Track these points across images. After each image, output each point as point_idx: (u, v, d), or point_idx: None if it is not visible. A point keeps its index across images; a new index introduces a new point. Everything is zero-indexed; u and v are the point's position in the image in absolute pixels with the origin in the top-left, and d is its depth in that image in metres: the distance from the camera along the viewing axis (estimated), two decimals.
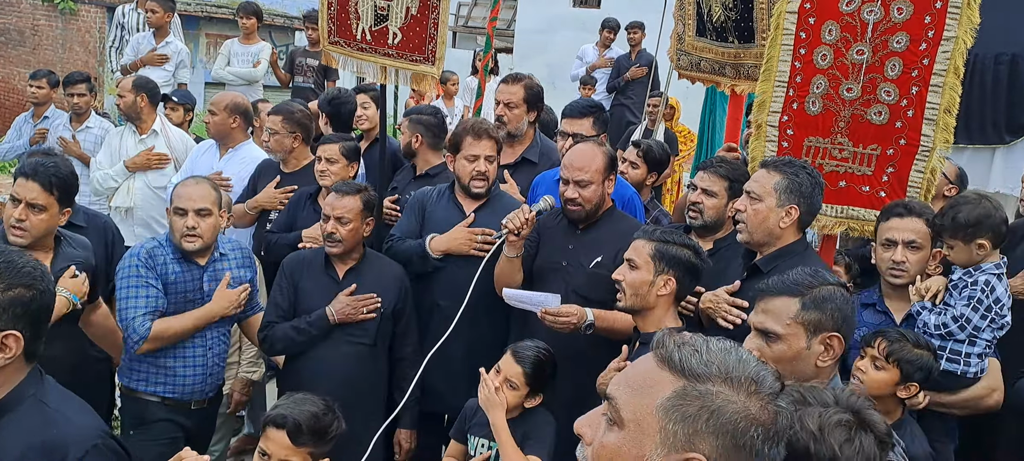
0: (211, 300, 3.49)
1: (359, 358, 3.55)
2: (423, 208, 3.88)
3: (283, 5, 15.13)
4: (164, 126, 5.58)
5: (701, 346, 1.25)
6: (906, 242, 3.02)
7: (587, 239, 3.44)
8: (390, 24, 4.31)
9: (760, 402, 1.22)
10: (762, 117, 3.32)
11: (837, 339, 2.16)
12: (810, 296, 2.16)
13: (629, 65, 9.53)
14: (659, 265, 2.75)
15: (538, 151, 4.33)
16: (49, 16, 15.83)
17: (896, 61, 3.04)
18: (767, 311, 2.19)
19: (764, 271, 2.89)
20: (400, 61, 4.37)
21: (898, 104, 3.08)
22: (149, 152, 5.34)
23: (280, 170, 4.75)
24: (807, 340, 2.14)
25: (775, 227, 2.90)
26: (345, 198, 3.52)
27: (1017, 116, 4.97)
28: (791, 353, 2.14)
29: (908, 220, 3.03)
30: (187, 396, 3.50)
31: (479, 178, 3.71)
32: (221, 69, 7.81)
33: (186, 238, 3.41)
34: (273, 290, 3.70)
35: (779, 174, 2.91)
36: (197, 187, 3.49)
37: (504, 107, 4.28)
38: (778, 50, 3.22)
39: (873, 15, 3.03)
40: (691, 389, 1.21)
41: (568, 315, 3.12)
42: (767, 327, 2.17)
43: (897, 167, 3.14)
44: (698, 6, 4.21)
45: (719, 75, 4.28)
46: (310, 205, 4.40)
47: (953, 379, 2.95)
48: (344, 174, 4.28)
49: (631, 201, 3.94)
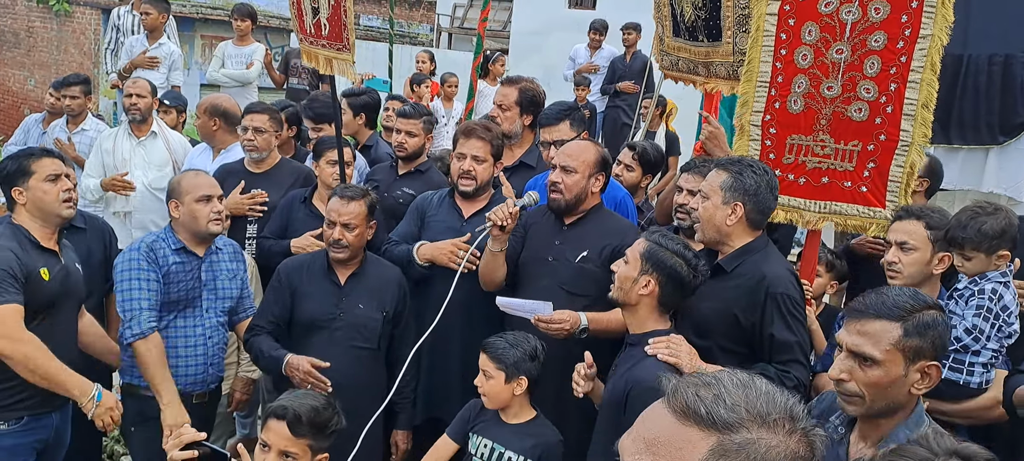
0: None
1: (361, 361, 3.56)
2: (423, 213, 3.90)
3: (279, 6, 15.16)
4: (162, 128, 5.56)
5: (720, 390, 1.13)
6: (899, 243, 3.05)
7: (574, 234, 3.46)
8: (321, 15, 4.36)
9: (798, 437, 1.12)
10: (745, 117, 3.37)
11: (936, 368, 2.06)
12: (912, 321, 2.04)
13: (624, 66, 9.48)
14: (645, 265, 2.76)
15: (536, 155, 4.32)
16: (44, 18, 15.84)
17: (875, 59, 3.10)
18: (864, 333, 2.06)
19: (727, 270, 2.95)
20: (331, 51, 4.42)
21: (877, 101, 3.13)
22: (117, 177, 5.18)
23: (247, 171, 4.70)
24: (905, 367, 2.04)
25: (722, 225, 2.95)
26: (351, 203, 3.51)
27: (1011, 117, 5.01)
28: (887, 380, 2.04)
29: (905, 222, 3.07)
30: (189, 388, 3.58)
31: (465, 177, 3.75)
32: (215, 71, 7.80)
33: (213, 221, 3.56)
34: (267, 294, 3.72)
35: (726, 173, 2.97)
36: (208, 177, 3.69)
37: (497, 109, 4.31)
38: (759, 52, 3.28)
39: (851, 15, 3.09)
40: (729, 443, 1.08)
41: (561, 321, 3.13)
42: (864, 351, 2.05)
43: (878, 162, 3.20)
44: (672, 6, 4.26)
45: (693, 74, 4.32)
46: (304, 208, 4.40)
47: (955, 388, 2.91)
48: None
49: (623, 203, 3.96)
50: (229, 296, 3.75)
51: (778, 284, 2.86)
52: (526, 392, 3.06)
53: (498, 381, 3.02)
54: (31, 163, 3.31)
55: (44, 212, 3.31)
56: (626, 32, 9.46)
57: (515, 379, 3.02)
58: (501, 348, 3.03)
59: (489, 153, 3.79)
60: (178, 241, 3.58)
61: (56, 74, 14.17)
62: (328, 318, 3.55)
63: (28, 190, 3.29)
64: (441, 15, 17.80)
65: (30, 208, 3.30)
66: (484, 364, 3.04)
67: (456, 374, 3.72)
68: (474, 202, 3.83)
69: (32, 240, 3.27)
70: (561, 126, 4.10)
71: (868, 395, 2.05)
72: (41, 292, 3.21)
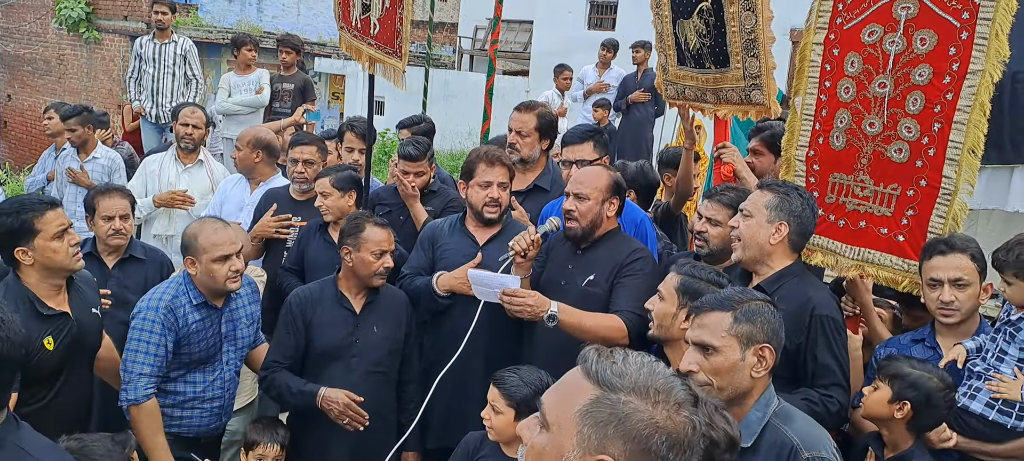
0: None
1: (374, 386, 3.46)
2: (433, 242, 3.74)
3: (287, 27, 15.03)
4: (208, 158, 5.53)
5: (619, 360, 1.32)
6: (952, 280, 2.76)
7: (586, 259, 3.37)
8: (372, 14, 4.27)
9: (667, 411, 1.27)
10: (791, 151, 3.13)
11: (768, 350, 2.19)
12: (742, 309, 2.21)
13: (634, 84, 9.25)
14: (683, 298, 2.70)
15: (550, 178, 4.22)
16: (74, 46, 15.76)
17: (918, 95, 2.76)
18: (703, 326, 2.23)
19: (768, 293, 2.77)
20: (378, 52, 4.32)
21: (919, 141, 2.79)
22: (174, 193, 5.22)
23: (291, 198, 4.62)
24: (741, 351, 2.17)
25: (765, 243, 2.85)
26: (386, 229, 3.47)
27: None
28: (727, 364, 2.18)
29: (951, 257, 2.77)
30: (197, 434, 3.42)
31: (492, 205, 3.61)
32: (224, 101, 7.64)
33: (231, 280, 3.29)
34: (279, 329, 3.52)
35: (771, 193, 2.88)
36: (226, 230, 3.36)
37: (516, 135, 4.16)
38: (805, 82, 3.00)
39: (895, 46, 2.77)
40: (604, 398, 1.28)
41: (524, 297, 3.07)
42: (704, 340, 2.21)
43: (917, 210, 2.85)
44: (676, 36, 4.06)
45: (702, 102, 4.10)
46: (320, 237, 4.26)
47: (1001, 431, 2.67)
48: (342, 205, 4.19)
49: (642, 225, 3.81)
50: (247, 342, 3.57)
51: (824, 307, 2.77)
52: None
53: (507, 417, 2.83)
54: (34, 220, 2.99)
55: (53, 271, 3.05)
56: (635, 50, 9.23)
57: (524, 416, 2.77)
58: (513, 384, 2.85)
59: (509, 178, 3.69)
60: (199, 295, 3.32)
61: (86, 101, 14.07)
62: (345, 346, 3.44)
63: (34, 250, 2.99)
64: (462, 37, 17.64)
65: (38, 268, 3.02)
66: (494, 398, 2.88)
67: (475, 403, 3.49)
68: (488, 228, 3.69)
69: (36, 309, 2.99)
70: (584, 146, 4.01)
71: (716, 382, 2.17)
72: (45, 363, 2.97)
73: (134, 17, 15.18)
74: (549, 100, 9.56)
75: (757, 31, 3.42)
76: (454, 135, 13.11)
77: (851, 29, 2.85)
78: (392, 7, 4.16)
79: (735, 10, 3.47)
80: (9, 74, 18.03)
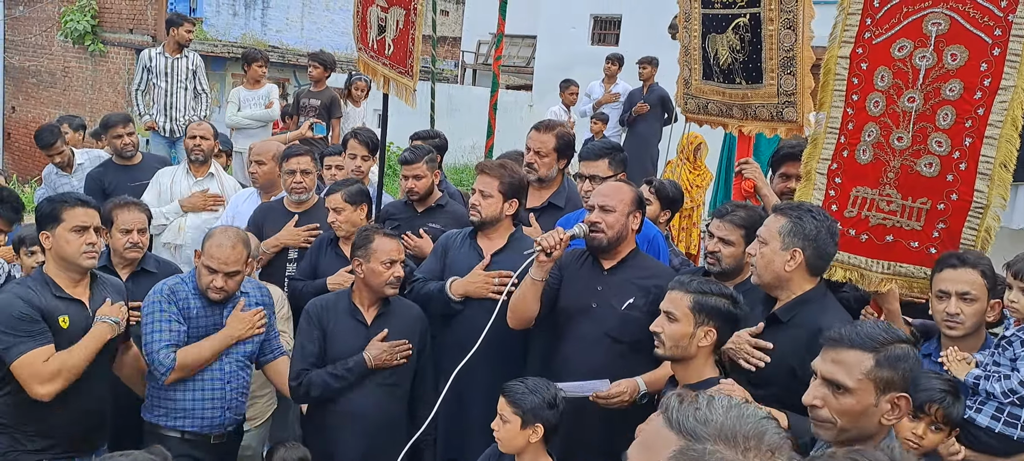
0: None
1: (387, 399, 3.49)
2: (446, 251, 3.82)
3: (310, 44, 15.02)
4: (219, 171, 5.56)
5: (703, 406, 1.27)
6: (960, 294, 2.80)
7: (615, 280, 3.34)
8: (387, 35, 4.35)
9: (759, 459, 1.21)
10: (812, 163, 3.09)
11: (905, 400, 2.07)
12: (885, 353, 2.05)
13: (641, 99, 9.22)
14: (699, 317, 2.66)
15: (565, 196, 4.22)
16: (79, 58, 15.75)
17: (948, 110, 2.75)
18: (839, 362, 2.07)
19: (784, 320, 2.81)
20: (392, 71, 4.41)
21: (950, 156, 2.78)
22: (205, 194, 5.30)
23: (286, 210, 4.62)
24: (876, 397, 2.04)
25: (781, 270, 2.80)
26: (395, 240, 3.52)
27: None
28: (858, 408, 2.04)
29: (961, 271, 2.80)
30: (206, 430, 3.44)
31: (471, 210, 3.72)
32: (234, 115, 7.65)
33: (212, 290, 3.40)
34: (299, 336, 3.57)
35: (784, 218, 2.83)
36: (232, 251, 3.40)
37: (535, 155, 4.14)
38: (830, 95, 2.97)
39: (925, 61, 2.75)
40: (689, 448, 1.23)
41: (620, 394, 3.11)
42: (837, 379, 2.06)
43: (949, 223, 2.85)
44: (704, 51, 4.05)
45: (727, 117, 4.09)
46: (331, 249, 4.27)
47: (1009, 443, 2.69)
48: (355, 218, 4.16)
49: (655, 240, 3.81)
50: (251, 340, 3.56)
51: None
52: (542, 440, 2.86)
53: (514, 426, 2.83)
54: (62, 210, 3.18)
55: (64, 261, 3.18)
56: (642, 66, 9.22)
57: (531, 425, 2.83)
58: (520, 393, 2.84)
59: (497, 190, 3.67)
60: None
61: (90, 113, 14.05)
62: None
63: (54, 236, 3.17)
64: (465, 52, 17.64)
65: (53, 255, 3.20)
66: (502, 408, 2.88)
67: (479, 416, 3.53)
68: (493, 242, 3.71)
69: (54, 289, 3.17)
70: (600, 163, 4.00)
71: (840, 422, 2.06)
72: (59, 339, 3.11)
73: (139, 30, 15.19)
74: (556, 115, 9.57)
75: (796, 49, 3.44)
76: (458, 149, 13.07)
77: (880, 44, 2.84)
78: (405, 29, 4.26)
79: (775, 28, 3.50)
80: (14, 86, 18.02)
